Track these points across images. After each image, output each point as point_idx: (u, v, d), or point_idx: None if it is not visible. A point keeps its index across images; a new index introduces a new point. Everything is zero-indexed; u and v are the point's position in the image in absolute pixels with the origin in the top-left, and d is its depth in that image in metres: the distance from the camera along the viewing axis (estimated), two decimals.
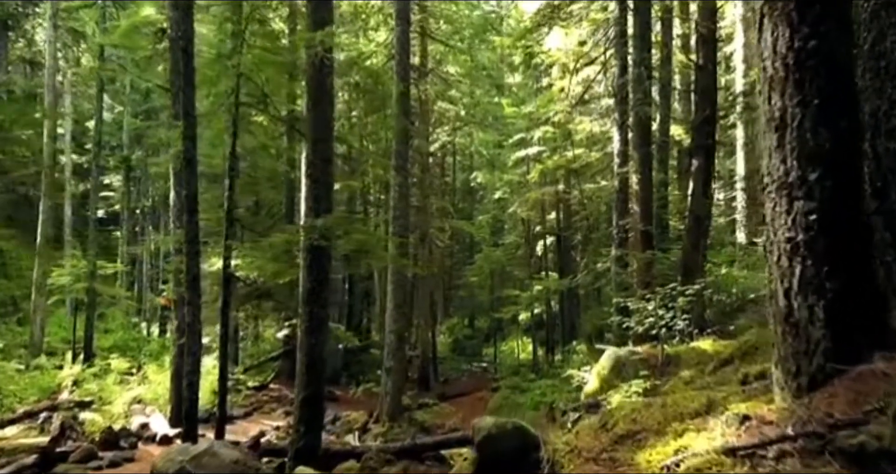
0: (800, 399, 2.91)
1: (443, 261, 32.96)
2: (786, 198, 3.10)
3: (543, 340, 25.92)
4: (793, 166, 3.07)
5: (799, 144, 3.06)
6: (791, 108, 3.10)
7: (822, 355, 2.93)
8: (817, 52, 3.05)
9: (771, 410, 2.99)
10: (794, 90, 3.10)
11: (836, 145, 3.00)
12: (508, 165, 25.88)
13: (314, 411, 7.29)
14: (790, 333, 3.04)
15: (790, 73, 3.10)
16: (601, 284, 16.08)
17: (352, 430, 13.93)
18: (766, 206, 3.25)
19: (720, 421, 3.08)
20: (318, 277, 7.48)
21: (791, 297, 3.04)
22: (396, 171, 14.75)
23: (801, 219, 3.03)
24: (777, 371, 3.13)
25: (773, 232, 3.17)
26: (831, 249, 2.96)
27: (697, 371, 8.10)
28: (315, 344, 7.35)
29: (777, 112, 3.16)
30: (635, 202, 13.25)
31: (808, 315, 2.98)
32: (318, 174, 7.54)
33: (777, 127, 3.15)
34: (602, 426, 4.39)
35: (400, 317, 14.65)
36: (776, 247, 3.15)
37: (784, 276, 3.08)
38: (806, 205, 3.02)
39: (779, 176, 3.14)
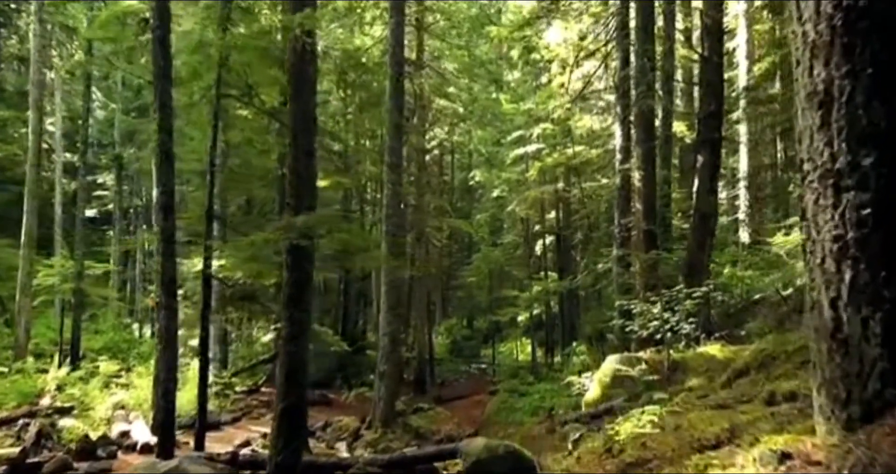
0: (853, 433, 2.37)
1: (441, 260, 32.43)
2: (832, 188, 2.57)
3: (543, 341, 25.40)
4: (841, 150, 2.54)
5: (848, 123, 2.53)
6: (838, 80, 2.56)
7: (879, 379, 2.40)
8: (870, 11, 2.52)
9: (816, 446, 2.46)
10: (841, 58, 2.56)
11: (894, 123, 2.46)
12: (507, 163, 25.36)
13: (295, 423, 6.77)
14: (838, 352, 2.51)
15: (837, 38, 2.57)
16: (602, 286, 15.56)
17: (343, 437, 13.40)
18: (806, 199, 2.72)
19: (752, 458, 2.55)
20: (300, 279, 6.95)
21: (839, 308, 2.51)
22: (390, 168, 14.21)
23: (851, 213, 2.49)
24: (821, 397, 2.60)
25: (816, 229, 2.64)
26: (890, 250, 2.43)
27: (706, 379, 7.58)
28: (296, 350, 6.83)
29: (820, 85, 2.62)
30: (638, 200, 12.73)
31: (861, 330, 2.45)
32: (299, 168, 7.01)
33: (821, 102, 2.62)
34: (607, 450, 3.87)
35: (394, 320, 14.13)
36: (819, 248, 2.61)
37: (830, 283, 2.55)
38: (858, 197, 2.48)
39: (822, 162, 2.61)
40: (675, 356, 8.58)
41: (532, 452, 6.55)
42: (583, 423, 7.67)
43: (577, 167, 19.47)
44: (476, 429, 15.48)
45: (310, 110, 7.18)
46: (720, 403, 4.39)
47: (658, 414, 3.71)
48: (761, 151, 23.78)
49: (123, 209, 32.31)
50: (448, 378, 24.99)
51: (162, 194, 8.22)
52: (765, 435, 2.93)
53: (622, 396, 8.29)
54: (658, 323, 8.91)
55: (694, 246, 12.15)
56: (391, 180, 14.13)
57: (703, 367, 8.02)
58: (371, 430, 14.26)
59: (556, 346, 24.46)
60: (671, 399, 6.00)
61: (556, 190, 22.31)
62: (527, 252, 25.29)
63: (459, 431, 15.18)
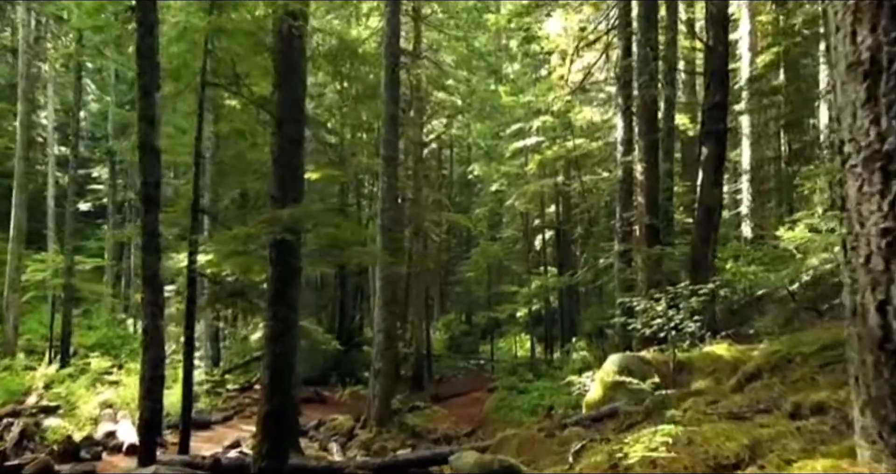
0: None
1: (439, 255, 32.05)
2: (879, 173, 2.19)
3: (542, 337, 25.05)
4: (891, 128, 2.16)
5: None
6: (887, 46, 2.19)
7: None
8: None
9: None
10: (891, 21, 2.19)
11: None
12: (506, 157, 24.95)
13: (280, 427, 6.41)
14: (887, 365, 2.14)
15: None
16: (603, 282, 15.20)
17: (337, 437, 13.06)
18: (848, 186, 2.34)
19: None
20: (285, 275, 6.59)
21: (888, 314, 2.14)
22: (385, 161, 13.83)
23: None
24: (865, 417, 2.23)
25: (860, 221, 2.27)
26: None
27: (714, 380, 7.22)
28: (282, 350, 6.47)
29: (865, 53, 2.24)
30: (640, 193, 12.35)
31: None
32: (285, 158, 6.64)
33: (865, 73, 2.24)
34: (612, 466, 3.51)
35: (389, 316, 13.77)
36: (864, 243, 2.24)
37: (877, 284, 2.18)
38: None
39: (868, 142, 2.23)
40: (679, 356, 8.20)
41: (529, 460, 6.20)
42: (584, 427, 7.30)
43: (578, 160, 19.08)
44: (474, 428, 15.14)
45: (297, 97, 6.80)
46: (734, 412, 4.03)
47: (672, 434, 3.35)
48: (764, 144, 23.44)
49: (117, 203, 31.88)
50: (446, 374, 24.65)
51: (144, 186, 7.83)
52: (793, 456, 2.56)
53: (625, 398, 7.93)
54: (662, 321, 8.53)
55: (698, 240, 11.78)
56: (387, 173, 13.74)
57: (709, 368, 7.67)
58: (366, 429, 13.92)
59: (556, 342, 24.12)
60: (678, 404, 5.64)
61: (555, 183, 21.92)
62: (526, 247, 24.92)
63: (457, 430, 14.85)
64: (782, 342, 5.68)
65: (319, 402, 17.32)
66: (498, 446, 7.23)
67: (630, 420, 6.75)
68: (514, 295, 20.69)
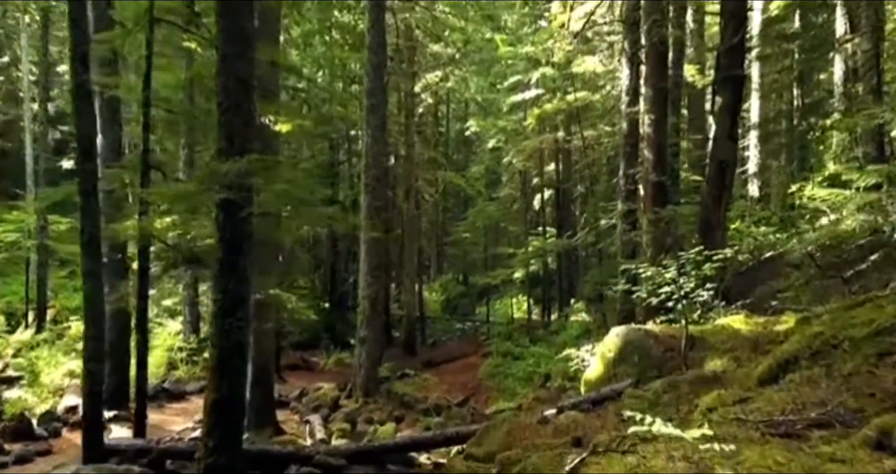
0: None
1: (436, 215, 31.07)
2: None
3: (540, 298, 24.23)
4: None
5: None
6: None
7: None
8: None
9: None
10: None
11: None
12: (503, 111, 23.70)
13: (230, 418, 5.52)
14: None
15: None
16: (604, 244, 14.22)
17: (320, 408, 12.30)
18: None
19: None
20: (234, 242, 5.60)
21: None
22: (370, 112, 12.71)
23: None
24: None
25: None
26: None
27: (731, 360, 6.30)
28: (230, 329, 5.53)
29: None
30: (646, 148, 11.27)
31: None
32: (231, 102, 5.57)
33: None
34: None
35: (374, 282, 12.87)
36: None
37: None
38: None
39: None
40: (690, 329, 7.27)
41: (516, 456, 5.34)
42: (583, 410, 6.43)
43: (579, 112, 17.86)
44: (466, 397, 14.42)
45: (244, 27, 5.68)
46: (779, 421, 3.09)
47: (697, 440, 2.45)
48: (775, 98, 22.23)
49: None
50: (441, 338, 23.96)
51: (79, 137, 6.78)
52: None
53: (629, 376, 7.05)
54: (670, 289, 7.57)
55: (709, 200, 10.74)
56: (371, 125, 12.64)
57: (725, 344, 6.75)
58: (351, 399, 13.20)
59: (554, 304, 23.32)
60: (697, 396, 4.72)
61: (555, 139, 20.74)
62: (524, 206, 23.86)
63: (448, 399, 14.12)
64: (823, 321, 4.72)
65: (306, 369, 16.58)
66: (483, 436, 6.38)
67: (636, 406, 5.86)
68: (510, 257, 19.75)
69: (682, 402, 5.33)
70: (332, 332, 21.97)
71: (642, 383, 6.78)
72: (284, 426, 11.33)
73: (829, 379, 3.86)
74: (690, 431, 3.48)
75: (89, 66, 6.87)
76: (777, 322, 6.95)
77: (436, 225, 31.47)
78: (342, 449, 7.17)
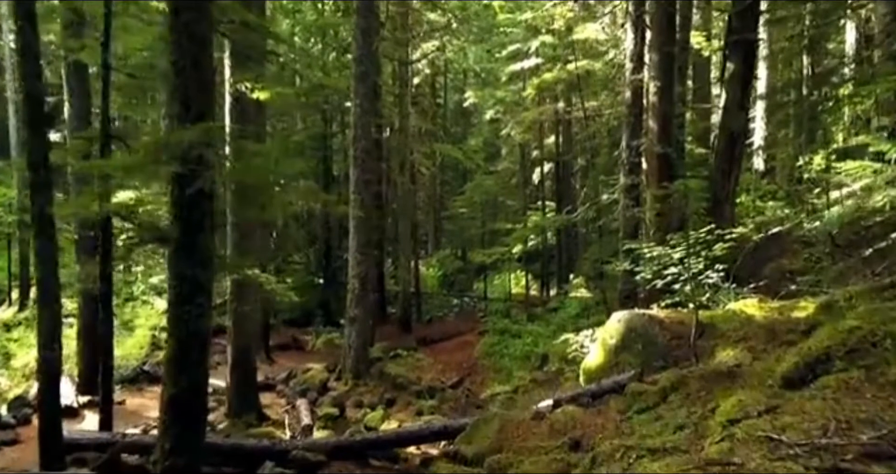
0: None
1: (434, 189, 30.34)
2: None
3: (538, 273, 23.66)
4: None
5: None
6: None
7: None
8: None
9: None
10: None
11: None
12: (502, 81, 22.86)
13: (189, 416, 4.96)
14: None
15: None
16: (606, 220, 13.57)
17: (308, 391, 11.79)
18: None
19: None
20: (192, 222, 4.98)
21: None
22: (358, 80, 11.97)
23: None
24: None
25: None
26: None
27: (746, 350, 5.72)
28: (188, 317, 4.94)
29: None
30: (651, 117, 10.56)
31: None
32: (185, 61, 4.90)
33: None
34: None
35: (364, 259, 12.26)
36: None
37: None
38: None
39: None
40: (699, 315, 6.69)
41: (507, 460, 4.80)
42: (582, 405, 5.89)
43: (580, 82, 17.06)
44: (461, 377, 13.94)
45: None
46: (820, 448, 2.51)
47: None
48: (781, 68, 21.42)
49: None
50: (437, 314, 23.44)
51: (27, 103, 6.11)
52: None
53: (632, 366, 6.49)
54: (677, 270, 6.96)
55: (718, 174, 10.13)
56: (360, 94, 11.91)
57: (738, 332, 6.17)
58: (341, 382, 12.70)
59: (552, 279, 22.77)
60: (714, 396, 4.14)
61: (555, 110, 19.97)
62: (523, 180, 23.17)
63: (442, 380, 13.64)
64: (859, 314, 4.12)
65: (296, 349, 16.07)
66: (473, 432, 5.84)
67: (640, 402, 5.31)
68: (508, 233, 19.12)
69: (694, 401, 4.76)
70: (325, 309, 21.44)
71: (647, 374, 6.22)
72: (269, 411, 10.83)
73: (874, 387, 3.27)
74: (710, 450, 2.91)
75: (36, 25, 6.15)
76: (794, 307, 6.37)
77: (433, 199, 30.79)
78: (321, 443, 6.64)
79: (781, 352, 5.09)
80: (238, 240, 9.15)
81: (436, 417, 10.63)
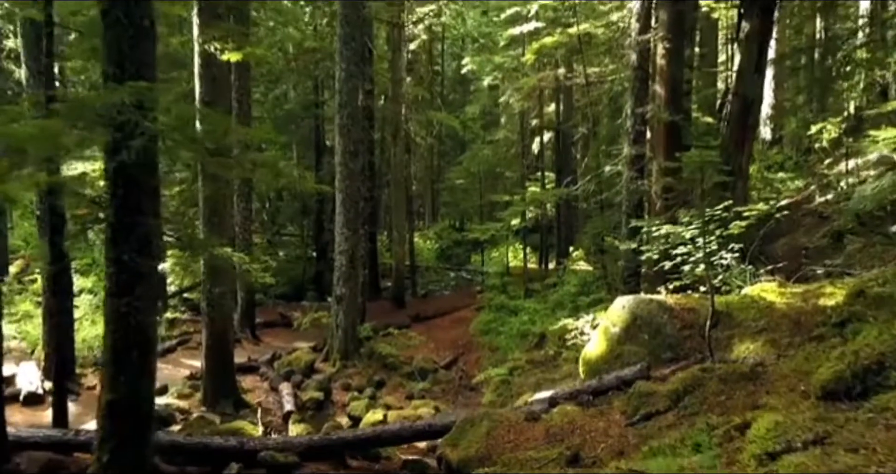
0: None
1: (431, 159, 29.50)
2: None
3: (537, 245, 22.97)
4: None
5: None
6: None
7: None
8: None
9: None
10: None
11: None
12: (500, 45, 21.87)
13: (131, 424, 4.32)
14: None
15: None
16: (608, 194, 12.82)
17: (292, 373, 11.20)
18: None
19: None
20: (132, 199, 4.27)
21: None
22: (343, 42, 11.12)
23: None
24: None
25: None
26: None
27: (768, 344, 5.07)
28: (127, 311, 4.27)
29: None
30: (659, 82, 9.76)
31: None
32: (118, 11, 4.13)
33: None
34: None
35: (351, 235, 11.56)
36: None
37: None
38: None
39: None
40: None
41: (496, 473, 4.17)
42: (581, 404, 5.25)
43: (582, 46, 16.14)
44: (455, 357, 13.37)
45: None
46: None
47: None
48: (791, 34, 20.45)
49: None
50: (434, 288, 22.86)
51: None
52: None
53: (638, 358, 5.84)
54: (687, 249, 6.25)
55: (730, 144, 9.36)
56: (345, 56, 11.07)
57: (757, 321, 5.51)
58: (328, 363, 12.13)
59: (551, 251, 22.10)
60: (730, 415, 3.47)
61: (556, 77, 19.04)
62: (521, 150, 22.33)
63: (435, 360, 13.06)
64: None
65: (284, 326, 15.45)
66: (460, 434, 5.21)
67: (648, 406, 4.65)
68: (506, 206, 18.38)
69: (712, 408, 4.11)
70: (318, 283, 20.82)
71: (654, 368, 5.58)
72: (250, 395, 10.26)
73: None
74: None
75: None
76: (820, 293, 5.68)
77: (430, 170, 29.98)
78: (294, 442, 6.02)
79: (812, 350, 4.43)
80: (209, 216, 8.45)
81: (425, 401, 10.11)
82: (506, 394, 10.40)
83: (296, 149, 24.62)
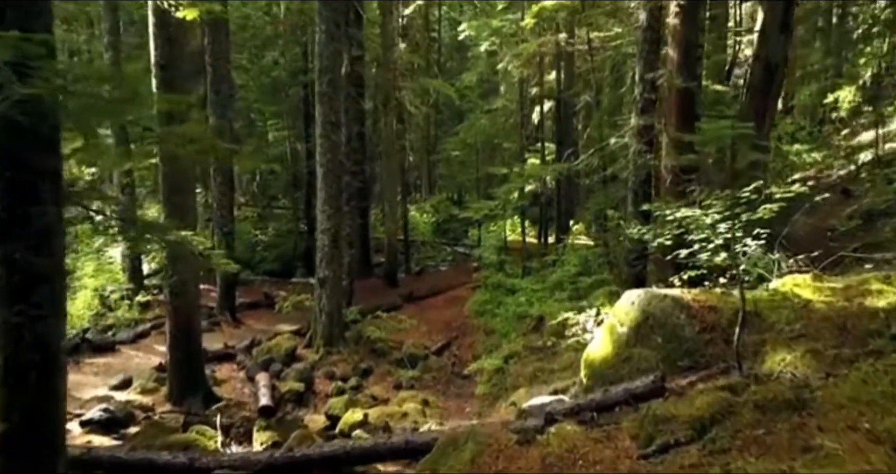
0: None
1: (427, 129, 28.41)
2: None
3: (536, 218, 22.07)
4: None
5: None
6: None
7: None
8: None
9: None
10: None
11: None
12: (498, 8, 20.71)
13: (28, 462, 3.51)
14: None
15: None
16: (615, 169, 11.90)
17: (272, 361, 10.42)
18: None
19: None
20: (21, 183, 3.41)
21: None
22: (323, 2, 10.07)
23: None
24: None
25: None
26: None
27: (810, 355, 4.22)
28: (22, 323, 3.43)
29: None
30: (672, 45, 8.76)
31: None
32: None
33: None
34: None
35: (335, 213, 10.68)
36: None
37: None
38: None
39: None
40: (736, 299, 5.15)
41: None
42: (582, 422, 4.45)
43: (584, 8, 15.05)
44: (448, 341, 12.62)
45: None
46: None
47: None
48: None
49: None
50: (429, 264, 22.05)
51: None
52: None
53: (650, 365, 5.01)
54: (706, 234, 5.37)
55: (750, 112, 8.42)
56: (325, 17, 10.04)
57: (792, 325, 4.66)
58: (311, 349, 11.36)
59: (551, 226, 21.22)
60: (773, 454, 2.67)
61: (556, 42, 17.93)
62: (520, 120, 21.29)
63: (426, 345, 12.30)
64: None
65: (267, 307, 14.64)
66: (439, 457, 4.42)
67: (666, 435, 3.82)
68: (505, 179, 17.44)
69: (748, 447, 3.29)
70: (308, 259, 19.99)
71: (669, 378, 4.76)
72: (225, 387, 9.51)
73: None
74: None
75: None
76: (864, 289, 4.82)
77: (427, 140, 28.90)
78: (253, 459, 5.23)
79: (870, 370, 3.59)
80: (168, 195, 7.58)
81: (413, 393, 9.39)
82: (500, 385, 9.65)
83: (285, 118, 23.59)
